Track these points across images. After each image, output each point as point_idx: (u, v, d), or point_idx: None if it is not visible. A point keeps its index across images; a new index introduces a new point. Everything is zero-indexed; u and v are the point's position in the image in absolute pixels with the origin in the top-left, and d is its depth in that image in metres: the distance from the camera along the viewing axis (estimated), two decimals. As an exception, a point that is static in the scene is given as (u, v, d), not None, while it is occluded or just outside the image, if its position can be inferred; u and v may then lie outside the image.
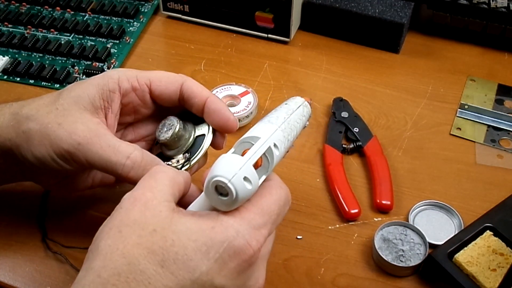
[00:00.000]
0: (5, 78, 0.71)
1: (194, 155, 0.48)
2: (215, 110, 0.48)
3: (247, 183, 0.37)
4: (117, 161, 0.44)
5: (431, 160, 0.61)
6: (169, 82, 0.49)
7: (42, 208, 0.55)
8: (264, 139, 0.40)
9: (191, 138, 0.48)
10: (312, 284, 0.51)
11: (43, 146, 0.45)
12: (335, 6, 0.73)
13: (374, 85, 0.70)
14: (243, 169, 0.37)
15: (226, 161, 0.38)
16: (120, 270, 0.36)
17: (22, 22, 0.77)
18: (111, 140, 0.45)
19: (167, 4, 0.78)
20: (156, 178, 0.41)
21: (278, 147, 0.41)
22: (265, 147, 0.40)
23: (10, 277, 0.51)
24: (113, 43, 0.75)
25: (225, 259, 0.37)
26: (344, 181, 0.57)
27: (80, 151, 0.44)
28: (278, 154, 0.41)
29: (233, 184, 0.37)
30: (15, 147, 0.46)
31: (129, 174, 0.45)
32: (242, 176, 0.37)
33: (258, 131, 0.41)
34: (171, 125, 0.48)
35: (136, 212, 0.38)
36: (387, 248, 0.52)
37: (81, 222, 0.55)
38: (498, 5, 0.70)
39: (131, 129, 0.53)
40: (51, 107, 0.46)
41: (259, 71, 0.72)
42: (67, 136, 0.45)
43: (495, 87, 0.69)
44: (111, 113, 0.48)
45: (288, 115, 0.44)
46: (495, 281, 0.48)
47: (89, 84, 0.48)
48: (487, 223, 0.52)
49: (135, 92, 0.49)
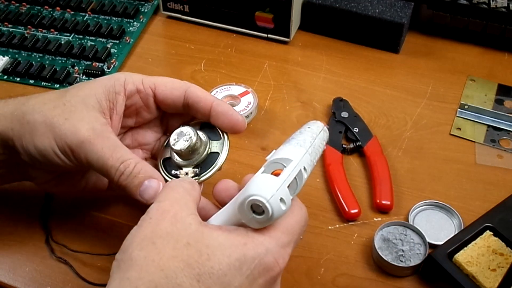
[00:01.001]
0: (5, 78, 0.71)
1: (205, 171, 0.48)
2: (223, 112, 0.48)
3: (282, 204, 0.39)
4: (112, 165, 0.45)
5: (431, 160, 0.61)
6: (174, 88, 0.50)
7: (45, 209, 0.55)
8: (296, 162, 0.41)
9: (205, 153, 0.48)
10: (312, 284, 0.51)
11: (46, 138, 0.46)
12: (335, 6, 0.73)
13: (374, 85, 0.70)
14: (280, 191, 0.39)
15: (263, 181, 0.39)
16: (158, 283, 0.36)
17: (22, 22, 0.77)
18: (112, 142, 0.46)
19: (167, 4, 0.78)
20: (178, 191, 0.42)
21: (307, 170, 0.42)
22: (297, 170, 0.41)
23: (10, 277, 0.51)
24: (113, 43, 0.75)
25: (255, 275, 0.39)
26: (344, 181, 0.57)
27: (82, 149, 0.45)
28: (305, 177, 0.42)
29: (270, 204, 0.38)
30: (17, 137, 0.47)
31: (120, 179, 0.45)
32: (279, 197, 0.38)
33: (289, 153, 0.42)
34: (189, 136, 0.47)
35: (168, 224, 0.39)
36: (387, 248, 0.52)
37: (85, 224, 0.55)
38: (498, 5, 0.70)
39: (129, 135, 0.53)
40: (58, 102, 0.47)
41: (259, 71, 0.72)
42: (72, 132, 0.45)
43: (495, 87, 0.69)
44: (116, 115, 0.49)
45: (313, 139, 0.45)
46: (495, 281, 0.48)
47: (96, 85, 0.48)
48: (487, 223, 0.52)
49: (139, 94, 0.50)
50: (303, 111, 0.67)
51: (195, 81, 0.70)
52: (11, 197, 0.56)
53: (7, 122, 0.47)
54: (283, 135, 0.64)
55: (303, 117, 0.66)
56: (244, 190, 0.39)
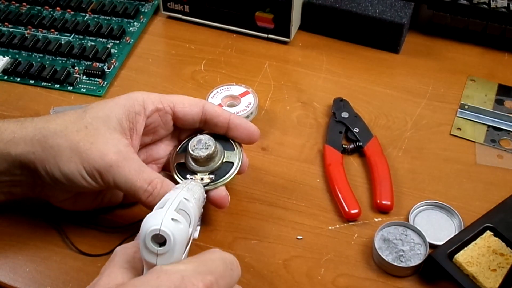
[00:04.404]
0: (5, 79, 0.71)
1: (219, 179, 0.51)
2: (241, 124, 0.53)
3: (176, 223, 0.38)
4: (141, 186, 0.47)
5: (431, 160, 0.61)
6: (192, 104, 0.53)
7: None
8: (175, 194, 0.41)
9: (220, 162, 0.51)
10: (312, 285, 0.51)
11: (72, 162, 0.47)
12: (335, 6, 0.73)
13: (374, 85, 0.70)
14: (168, 213, 0.38)
15: (150, 215, 0.38)
16: None
17: (22, 22, 0.77)
18: (138, 164, 0.48)
19: (167, 4, 0.78)
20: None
21: (189, 200, 0.42)
22: (179, 199, 0.40)
23: (10, 277, 0.51)
24: (113, 43, 0.75)
25: None
26: (344, 181, 0.57)
27: (110, 172, 0.47)
28: (192, 205, 0.42)
29: (166, 226, 0.37)
30: (39, 161, 0.47)
31: (148, 199, 0.47)
32: (169, 218, 0.38)
33: (167, 195, 0.42)
34: (208, 144, 0.51)
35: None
36: (387, 248, 0.52)
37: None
38: (498, 5, 0.70)
39: (144, 151, 0.55)
40: (79, 125, 0.48)
41: (259, 71, 0.72)
42: (99, 156, 0.47)
43: (495, 87, 0.69)
44: (136, 134, 0.50)
45: (187, 183, 0.46)
46: (495, 281, 0.48)
47: (115, 105, 0.50)
48: (487, 223, 0.52)
49: (158, 112, 0.52)
50: (303, 111, 0.67)
51: (195, 82, 0.70)
52: (12, 199, 0.56)
53: (28, 146, 0.48)
54: (283, 135, 0.64)
55: (303, 117, 0.66)
56: (140, 232, 0.38)
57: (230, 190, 0.53)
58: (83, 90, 0.69)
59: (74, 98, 0.68)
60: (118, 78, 0.71)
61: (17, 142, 0.48)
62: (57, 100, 0.68)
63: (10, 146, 0.48)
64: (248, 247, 0.53)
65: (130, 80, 0.71)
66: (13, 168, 0.49)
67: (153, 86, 0.70)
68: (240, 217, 0.56)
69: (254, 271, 0.52)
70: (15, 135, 0.48)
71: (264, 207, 0.57)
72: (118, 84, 0.70)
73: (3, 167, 0.49)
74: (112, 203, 0.55)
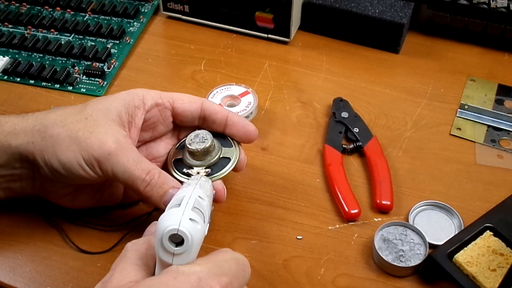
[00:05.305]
0: (5, 79, 0.71)
1: (215, 173, 0.51)
2: (238, 122, 0.53)
3: (194, 223, 0.38)
4: (139, 175, 0.47)
5: (431, 160, 0.61)
6: (191, 101, 0.53)
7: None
8: (189, 192, 0.41)
9: (217, 157, 0.52)
10: (312, 285, 0.51)
11: (71, 151, 0.47)
12: (335, 6, 0.73)
13: (374, 85, 0.70)
14: (186, 213, 0.38)
15: (167, 214, 0.39)
16: None
17: (22, 22, 0.77)
18: (136, 154, 0.48)
19: (167, 4, 0.78)
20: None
21: (204, 198, 0.42)
22: (194, 198, 0.40)
23: (10, 277, 0.51)
24: (113, 43, 0.75)
25: None
26: (344, 181, 0.57)
27: (109, 161, 0.47)
28: (206, 204, 0.42)
29: (184, 226, 0.37)
30: (38, 151, 0.48)
31: (146, 189, 0.47)
32: (187, 218, 0.38)
33: (181, 192, 0.42)
34: (205, 138, 0.51)
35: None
36: (387, 248, 0.52)
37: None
38: (498, 5, 0.70)
39: (144, 149, 0.55)
40: (79, 116, 0.49)
41: (259, 71, 0.72)
42: (98, 145, 0.47)
43: (495, 87, 0.69)
44: (134, 128, 0.51)
45: (197, 179, 0.46)
46: (495, 281, 0.48)
47: (115, 99, 0.51)
48: (487, 223, 0.52)
49: (157, 107, 0.52)
50: (303, 111, 0.67)
51: (195, 81, 0.70)
52: (11, 197, 0.56)
53: (28, 136, 0.48)
54: (283, 135, 0.64)
55: (303, 117, 0.66)
56: (156, 231, 0.38)
57: (230, 190, 0.53)
58: (83, 90, 0.69)
59: (74, 98, 0.68)
60: (118, 78, 0.71)
61: (17, 133, 0.48)
62: (57, 100, 0.68)
63: (10, 137, 0.48)
64: (248, 247, 0.53)
65: (130, 80, 0.71)
66: (13, 160, 0.49)
67: (153, 86, 0.69)
68: (240, 217, 0.56)
69: (254, 271, 0.51)
70: (15, 127, 0.49)
71: (264, 207, 0.57)
72: (118, 84, 0.70)
73: (3, 159, 0.49)
74: (112, 202, 0.55)
